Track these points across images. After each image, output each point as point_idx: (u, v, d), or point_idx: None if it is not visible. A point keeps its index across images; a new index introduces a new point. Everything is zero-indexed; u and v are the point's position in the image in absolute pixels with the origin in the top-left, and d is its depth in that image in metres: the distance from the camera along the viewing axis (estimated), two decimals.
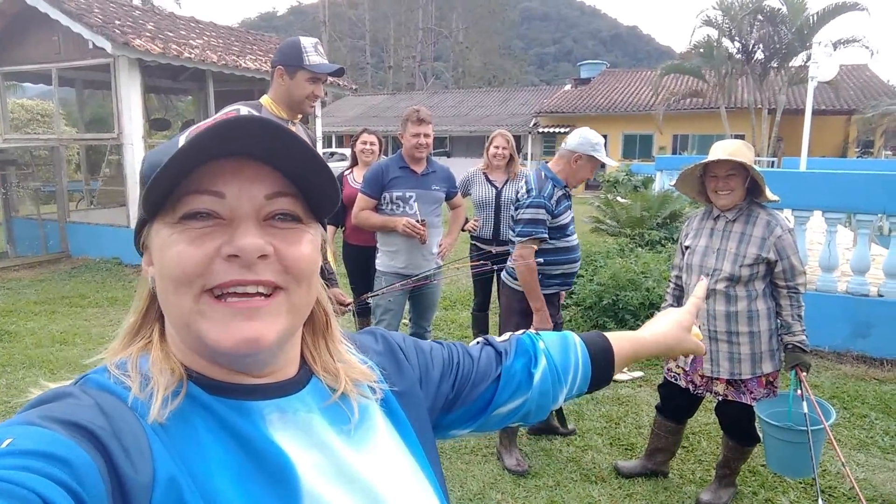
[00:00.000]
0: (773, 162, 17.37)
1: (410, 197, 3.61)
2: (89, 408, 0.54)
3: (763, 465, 3.24)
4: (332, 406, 0.69)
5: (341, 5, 52.38)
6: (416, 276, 3.62)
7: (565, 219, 3.21)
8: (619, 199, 10.33)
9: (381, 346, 0.83)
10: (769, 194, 2.69)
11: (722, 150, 2.66)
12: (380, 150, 4.53)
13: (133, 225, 0.74)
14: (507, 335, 0.97)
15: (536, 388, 0.91)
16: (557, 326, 3.40)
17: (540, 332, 0.98)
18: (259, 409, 0.62)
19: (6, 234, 9.19)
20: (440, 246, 3.79)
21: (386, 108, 31.50)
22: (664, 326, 1.01)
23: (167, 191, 0.59)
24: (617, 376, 4.49)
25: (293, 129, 2.58)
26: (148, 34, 8.54)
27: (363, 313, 4.50)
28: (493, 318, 4.90)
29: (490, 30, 53.09)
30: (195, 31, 10.16)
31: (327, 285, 2.44)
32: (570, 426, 3.61)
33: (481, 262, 4.13)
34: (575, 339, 0.96)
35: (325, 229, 0.73)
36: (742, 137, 21.55)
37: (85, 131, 11.04)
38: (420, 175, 3.65)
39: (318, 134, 11.87)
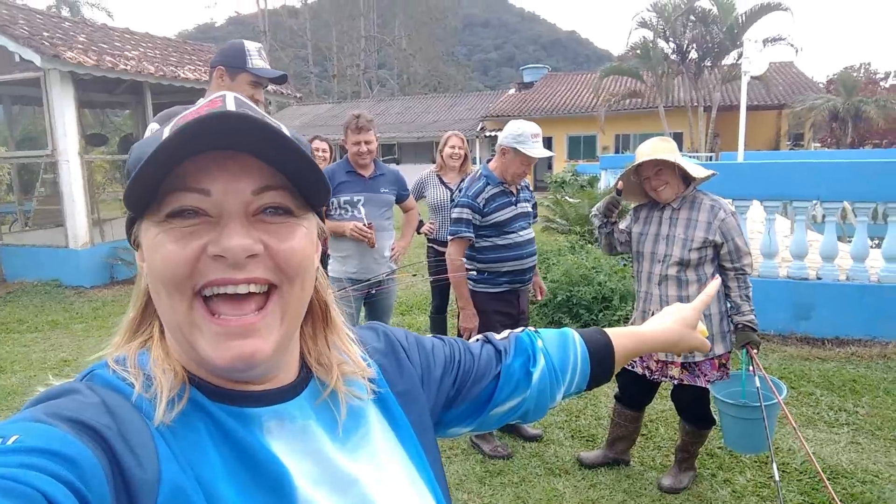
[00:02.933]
0: (710, 157, 18.00)
1: (358, 201, 3.59)
2: (95, 406, 0.54)
3: (720, 448, 3.34)
4: (326, 408, 0.68)
5: (281, 14, 51.67)
6: (369, 280, 3.58)
7: (502, 216, 3.22)
8: (567, 198, 10.52)
9: (383, 343, 0.82)
10: (700, 172, 2.77)
11: (642, 152, 2.79)
12: (330, 157, 4.49)
13: (71, 245, 0.69)
14: (505, 333, 0.96)
15: (535, 388, 0.90)
16: (520, 324, 3.41)
17: (539, 331, 0.97)
18: (258, 417, 0.62)
19: None
20: (393, 249, 3.76)
21: (332, 116, 31.22)
22: (668, 322, 1.00)
23: (151, 187, 0.57)
24: None
25: None
26: (80, 46, 8.22)
27: None
28: (451, 321, 4.90)
29: (433, 36, 53.30)
30: (130, 42, 9.85)
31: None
32: (537, 431, 3.62)
33: (438, 269, 4.10)
34: (574, 336, 0.96)
35: (323, 219, 0.70)
36: (680, 135, 22.39)
37: (16, 149, 10.55)
38: (367, 179, 3.63)
39: None
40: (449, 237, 3.29)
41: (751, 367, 2.71)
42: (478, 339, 0.95)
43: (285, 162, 0.59)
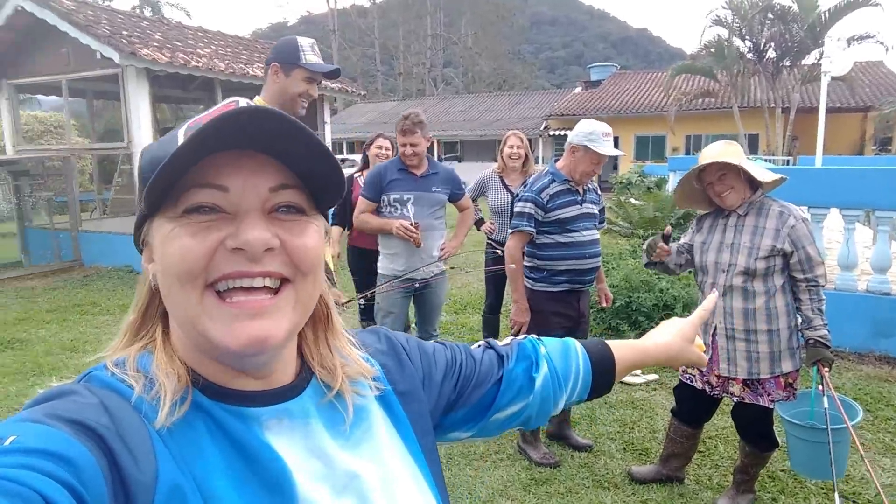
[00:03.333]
0: (788, 161, 17.14)
1: (408, 199, 3.58)
2: (93, 406, 0.54)
3: (783, 470, 3.13)
4: (329, 407, 0.68)
5: (350, 14, 52.66)
6: (417, 279, 3.56)
7: (565, 213, 3.16)
8: (631, 200, 10.23)
9: (385, 345, 0.82)
10: (767, 176, 2.61)
11: (705, 155, 2.64)
12: (392, 155, 4.46)
13: None
14: (508, 339, 0.97)
15: (538, 393, 0.90)
16: (581, 328, 3.31)
17: (542, 339, 0.97)
18: (258, 416, 0.62)
19: (20, 244, 9.26)
20: (442, 249, 3.73)
21: (396, 113, 31.42)
22: (667, 336, 1.00)
23: (169, 186, 0.58)
24: (630, 379, 4.41)
25: None
26: (155, 44, 8.58)
27: (368, 316, 4.44)
28: (504, 322, 4.83)
29: (499, 35, 53.09)
30: (203, 40, 10.21)
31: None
32: (587, 441, 3.50)
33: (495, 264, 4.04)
34: (576, 346, 0.96)
35: (328, 221, 0.68)
36: (756, 137, 21.45)
37: (97, 142, 11.12)
38: (419, 177, 3.61)
39: (328, 140, 11.88)
40: (509, 231, 3.26)
41: (821, 386, 2.52)
42: (480, 345, 0.94)
43: (302, 163, 0.60)
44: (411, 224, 3.49)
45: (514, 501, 2.96)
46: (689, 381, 2.87)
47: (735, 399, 2.73)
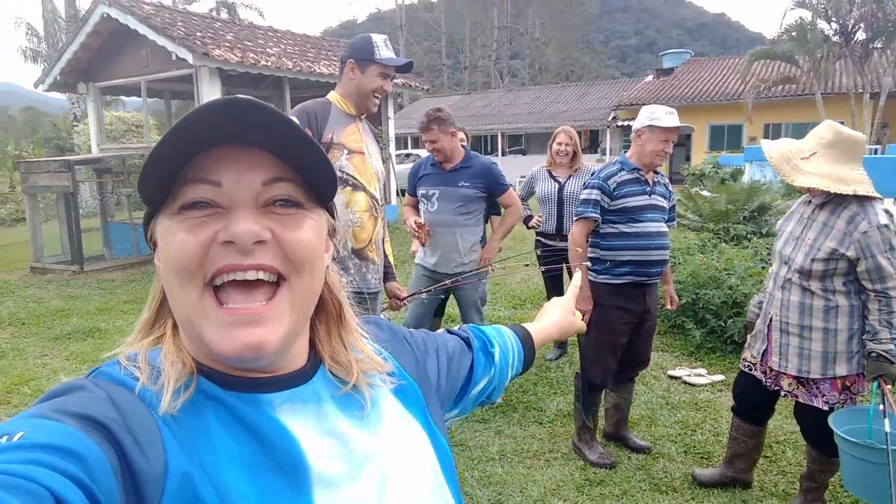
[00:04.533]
0: (876, 150, 16.06)
1: (433, 194, 3.64)
2: (101, 400, 0.54)
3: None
4: (344, 395, 0.69)
5: (417, 9, 53.01)
6: (452, 275, 3.57)
7: (631, 202, 3.07)
8: (702, 192, 9.82)
9: (388, 335, 0.84)
10: (841, 186, 2.37)
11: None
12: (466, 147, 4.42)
13: None
14: (456, 327, 1.05)
15: (496, 366, 0.99)
16: (646, 325, 3.22)
17: (478, 325, 1.08)
18: (269, 400, 0.62)
19: (103, 238, 9.82)
20: (480, 258, 3.70)
21: (461, 107, 31.58)
22: (556, 314, 1.16)
23: (163, 181, 0.59)
24: (695, 380, 4.24)
25: (359, 125, 2.57)
26: (227, 44, 8.90)
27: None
28: None
29: (567, 24, 52.09)
30: (272, 39, 10.51)
31: (385, 279, 2.37)
32: (646, 443, 3.39)
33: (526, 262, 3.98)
34: (504, 328, 1.08)
35: (333, 216, 0.70)
36: (841, 124, 20.15)
37: None
38: (447, 172, 3.63)
39: (391, 135, 12.00)
40: (574, 218, 3.21)
41: (882, 406, 2.30)
42: (440, 332, 1.00)
43: (295, 156, 0.61)
44: (422, 224, 3.58)
45: (567, 501, 2.90)
46: (747, 370, 2.77)
47: (784, 394, 2.62)
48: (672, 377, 4.35)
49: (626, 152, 3.20)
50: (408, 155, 21.76)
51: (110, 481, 0.48)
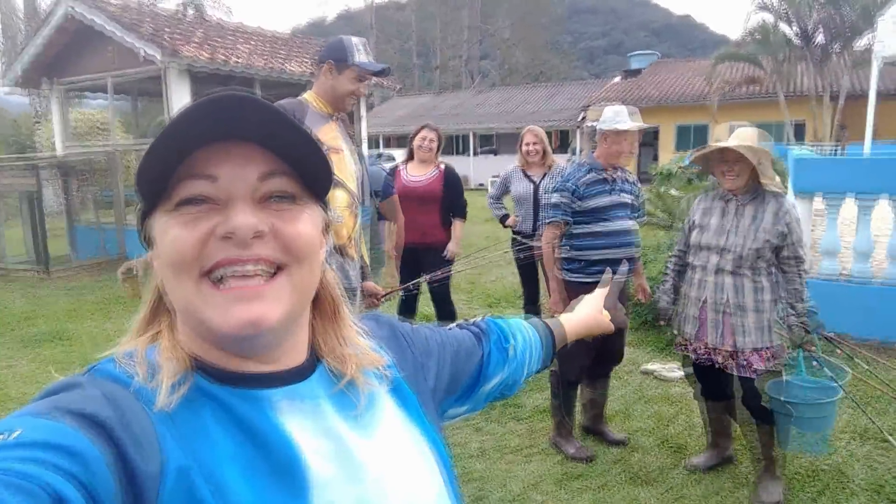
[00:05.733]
0: (836, 150, 16.53)
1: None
2: (97, 398, 0.54)
3: (823, 469, 3.05)
4: (340, 393, 0.68)
5: (388, 8, 52.85)
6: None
7: (599, 202, 3.16)
8: (671, 191, 10.00)
9: (386, 331, 0.84)
10: (771, 182, 2.73)
11: (735, 135, 2.72)
12: (438, 148, 4.44)
13: None
14: (472, 319, 1.04)
15: (512, 361, 0.98)
16: (620, 318, 3.26)
17: (497, 317, 1.06)
18: (268, 397, 0.62)
19: (69, 239, 9.59)
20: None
21: (432, 107, 31.57)
22: (584, 311, 1.16)
23: (160, 178, 0.59)
24: (667, 374, 4.33)
25: (335, 125, 2.58)
26: (196, 42, 8.77)
27: (408, 310, 4.46)
28: (545, 313, 4.80)
29: (536, 25, 52.45)
30: (242, 37, 10.38)
31: (362, 277, 2.36)
32: (622, 436, 3.47)
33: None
34: (524, 322, 1.07)
35: (326, 211, 0.70)
36: (802, 125, 20.71)
37: (141, 139, 11.44)
38: None
39: (364, 135, 11.96)
40: (546, 222, 3.28)
41: (815, 363, 2.70)
42: (451, 327, 0.99)
43: (291, 150, 0.61)
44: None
45: (547, 496, 2.94)
46: (681, 351, 3.02)
47: (719, 366, 2.85)
48: (645, 372, 4.44)
49: (593, 153, 3.28)
50: (380, 155, 21.71)
51: (107, 479, 0.48)
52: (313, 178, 0.64)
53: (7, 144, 23.76)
